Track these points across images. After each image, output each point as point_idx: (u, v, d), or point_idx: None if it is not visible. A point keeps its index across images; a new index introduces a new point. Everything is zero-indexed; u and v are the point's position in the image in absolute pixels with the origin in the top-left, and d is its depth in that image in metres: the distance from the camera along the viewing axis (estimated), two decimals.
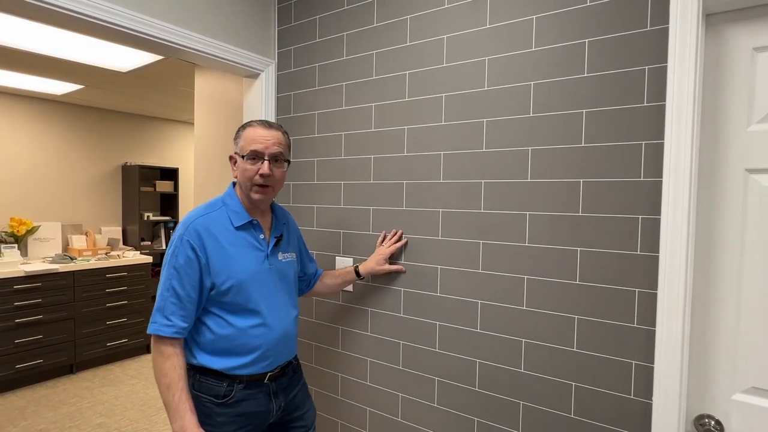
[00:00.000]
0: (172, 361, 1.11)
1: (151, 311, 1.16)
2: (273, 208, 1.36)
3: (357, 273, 1.49)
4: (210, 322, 1.18)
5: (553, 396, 1.22)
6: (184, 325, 1.13)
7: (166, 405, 1.10)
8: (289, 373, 1.32)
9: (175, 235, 1.17)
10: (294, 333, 1.32)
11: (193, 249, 1.13)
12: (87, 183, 4.27)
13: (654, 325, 1.07)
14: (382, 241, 1.51)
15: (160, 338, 1.12)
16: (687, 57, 1.02)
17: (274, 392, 1.25)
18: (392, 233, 1.49)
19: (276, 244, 1.29)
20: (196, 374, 1.19)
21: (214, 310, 1.17)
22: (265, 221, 1.30)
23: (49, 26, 1.38)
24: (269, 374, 1.23)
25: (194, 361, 1.19)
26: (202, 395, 1.18)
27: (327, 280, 1.53)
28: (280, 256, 1.30)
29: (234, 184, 1.28)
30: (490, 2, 1.30)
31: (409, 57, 1.46)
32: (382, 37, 1.52)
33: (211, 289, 1.16)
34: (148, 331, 1.15)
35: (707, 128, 1.07)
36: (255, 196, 1.21)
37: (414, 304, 1.47)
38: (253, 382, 1.20)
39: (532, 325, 1.25)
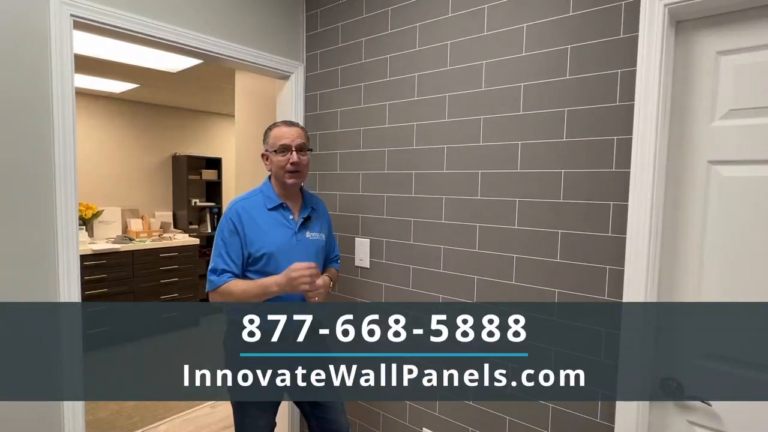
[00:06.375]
0: (232, 286, 1.38)
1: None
2: (303, 194, 1.59)
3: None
4: None
5: (536, 362, 1.40)
6: (231, 275, 1.42)
7: (259, 297, 1.38)
8: None
9: (223, 216, 1.46)
10: None
11: (234, 225, 1.42)
12: (142, 172, 4.73)
13: (621, 297, 1.23)
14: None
15: (215, 290, 1.42)
16: (653, 62, 1.15)
17: None
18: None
19: (303, 224, 1.52)
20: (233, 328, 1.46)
21: (250, 275, 1.45)
22: (295, 205, 1.54)
23: (119, 41, 1.65)
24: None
25: (236, 317, 1.46)
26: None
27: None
28: (308, 234, 1.53)
29: (270, 177, 1.54)
30: (487, 11, 1.46)
31: (418, 60, 1.64)
32: (394, 42, 1.71)
33: (249, 257, 1.43)
34: (206, 290, 1.45)
35: (676, 123, 1.20)
36: (289, 180, 1.46)
37: (421, 279, 1.68)
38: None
39: (520, 297, 1.42)
